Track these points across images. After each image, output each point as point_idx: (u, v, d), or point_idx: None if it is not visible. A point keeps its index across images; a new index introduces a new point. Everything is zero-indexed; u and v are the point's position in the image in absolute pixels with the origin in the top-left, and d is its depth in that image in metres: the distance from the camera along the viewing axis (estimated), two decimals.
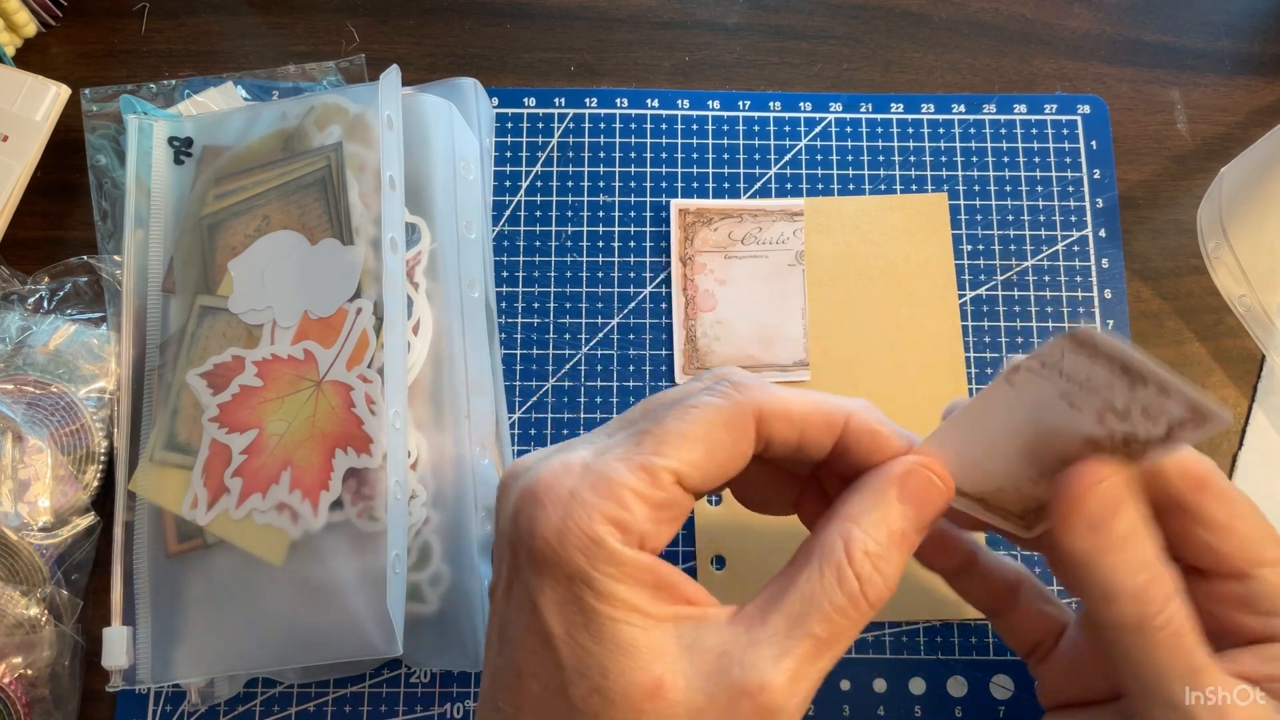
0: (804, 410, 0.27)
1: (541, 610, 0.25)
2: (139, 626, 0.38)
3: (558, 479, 0.26)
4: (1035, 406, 0.26)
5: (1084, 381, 0.25)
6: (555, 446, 0.28)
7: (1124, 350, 0.24)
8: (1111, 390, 0.25)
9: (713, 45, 0.48)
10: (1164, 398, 0.25)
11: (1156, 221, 0.46)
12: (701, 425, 0.26)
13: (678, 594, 0.26)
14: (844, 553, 0.26)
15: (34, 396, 0.40)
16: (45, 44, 0.48)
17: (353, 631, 0.36)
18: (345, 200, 0.40)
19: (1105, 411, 0.26)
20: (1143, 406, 0.25)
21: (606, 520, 0.25)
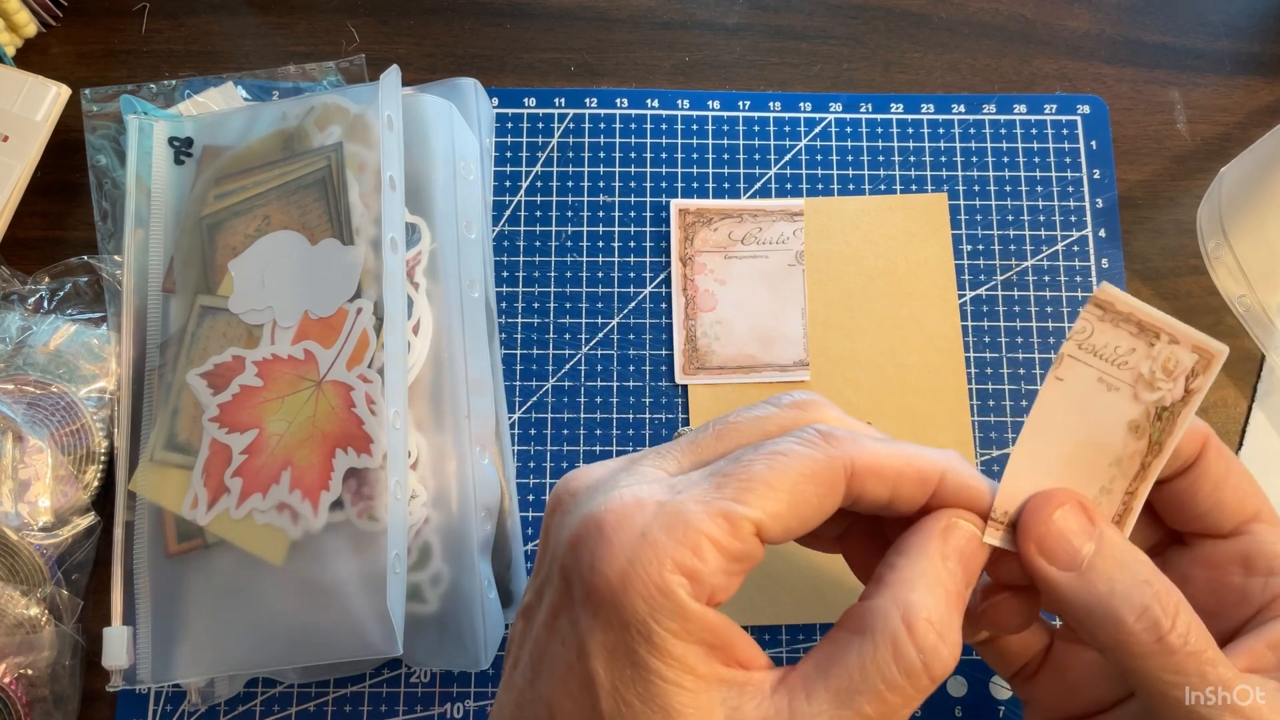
0: (897, 467, 0.26)
1: (589, 654, 0.23)
2: (139, 626, 0.38)
3: (629, 514, 0.24)
4: (1081, 399, 0.28)
5: (1114, 355, 0.27)
6: (619, 465, 0.26)
7: (1136, 305, 0.27)
8: (1135, 356, 0.27)
9: (713, 45, 0.48)
10: (1175, 345, 0.27)
11: (1156, 221, 0.46)
12: (790, 477, 0.24)
13: (732, 655, 0.24)
14: (902, 623, 0.24)
15: (34, 396, 0.40)
16: (45, 44, 0.48)
17: (353, 631, 0.36)
18: (345, 200, 0.40)
19: (1137, 385, 0.27)
20: (1163, 364, 0.27)
21: (678, 569, 0.23)
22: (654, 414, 0.43)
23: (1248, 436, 0.43)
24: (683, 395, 0.43)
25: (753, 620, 0.40)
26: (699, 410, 0.43)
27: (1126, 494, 0.28)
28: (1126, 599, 0.25)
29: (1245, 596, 0.28)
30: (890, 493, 0.26)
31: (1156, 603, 0.25)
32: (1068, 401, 0.28)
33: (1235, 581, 0.29)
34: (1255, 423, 0.43)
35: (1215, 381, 0.43)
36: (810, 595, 0.40)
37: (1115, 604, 0.25)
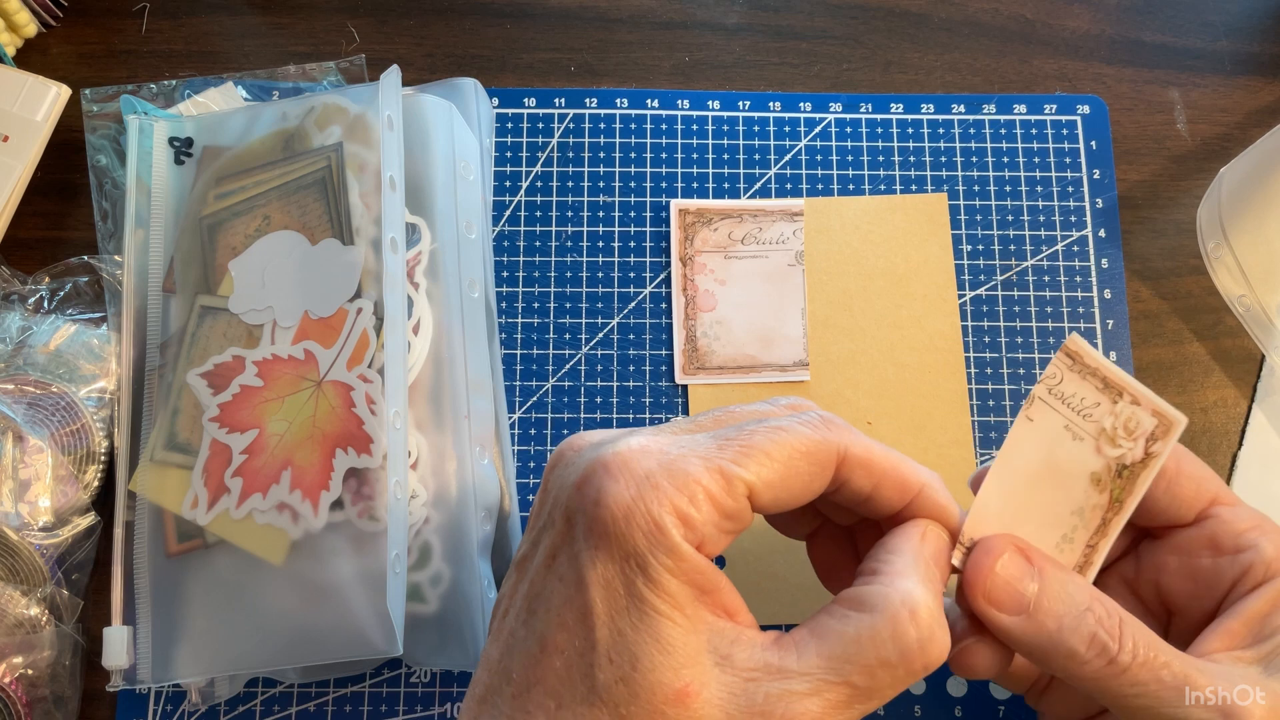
0: (884, 467, 0.27)
1: (588, 584, 0.24)
2: (139, 626, 0.38)
3: (636, 458, 0.25)
4: (1049, 443, 0.29)
5: (1080, 406, 0.29)
6: (626, 429, 0.28)
7: (1102, 361, 0.29)
8: (1099, 410, 0.29)
9: (713, 45, 0.48)
10: (1136, 407, 0.29)
11: (1156, 221, 0.46)
12: (786, 449, 0.26)
13: (719, 601, 0.25)
14: (903, 606, 0.25)
15: (34, 396, 0.40)
16: (45, 44, 0.48)
17: (353, 631, 0.36)
18: (345, 200, 0.40)
19: (1100, 438, 0.29)
20: (1124, 423, 0.29)
21: (674, 511, 0.24)
22: (654, 414, 0.43)
23: (1248, 436, 0.43)
24: (683, 395, 0.43)
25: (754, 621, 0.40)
26: (699, 410, 0.43)
27: (1088, 546, 0.30)
28: (1074, 630, 0.27)
29: (1218, 576, 0.30)
30: (871, 489, 0.27)
31: (1101, 627, 0.27)
32: (1036, 443, 0.29)
33: (1206, 564, 0.30)
34: (1255, 423, 0.43)
35: (1215, 381, 0.44)
36: (810, 595, 0.40)
37: (1065, 637, 0.27)
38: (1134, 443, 0.29)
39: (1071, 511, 0.29)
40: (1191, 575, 0.31)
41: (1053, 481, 0.29)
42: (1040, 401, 0.29)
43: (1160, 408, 0.29)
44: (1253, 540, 0.30)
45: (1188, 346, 0.44)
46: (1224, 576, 0.30)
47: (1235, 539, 0.30)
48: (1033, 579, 0.27)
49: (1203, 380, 0.44)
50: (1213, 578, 0.30)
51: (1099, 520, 0.30)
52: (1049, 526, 0.30)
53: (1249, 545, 0.30)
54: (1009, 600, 0.27)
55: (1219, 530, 0.30)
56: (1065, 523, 0.30)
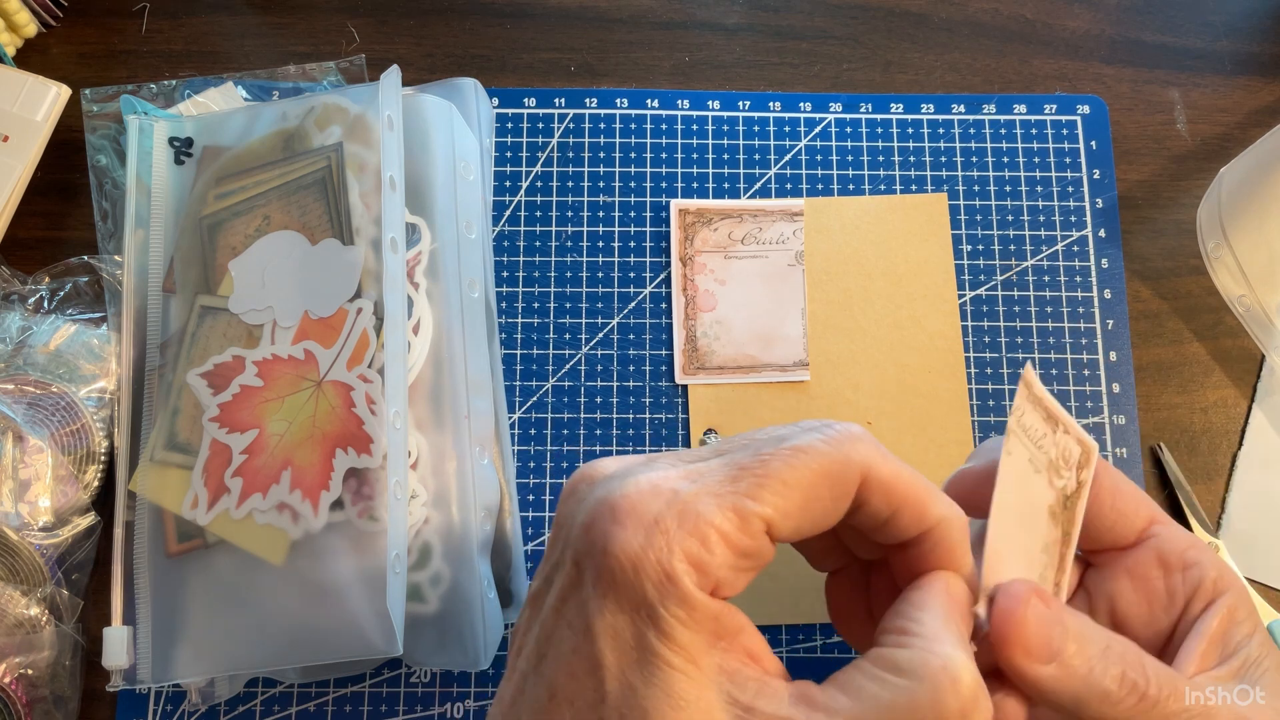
0: (906, 493, 0.26)
1: (596, 635, 0.23)
2: (139, 626, 0.38)
3: (644, 500, 0.24)
4: (1021, 478, 0.28)
5: (1036, 438, 0.28)
6: (639, 459, 0.26)
7: (1043, 393, 0.28)
8: (1047, 441, 0.28)
9: (713, 45, 0.48)
10: (1067, 436, 0.29)
11: (1156, 221, 0.46)
12: (806, 474, 0.24)
13: (739, 645, 0.24)
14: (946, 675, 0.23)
15: (34, 396, 0.40)
16: (45, 44, 0.48)
17: (353, 631, 0.36)
18: (345, 200, 0.40)
19: (1049, 470, 0.28)
20: (1062, 452, 0.29)
21: (686, 558, 0.23)
22: (654, 414, 0.43)
23: (1247, 436, 0.43)
24: (683, 395, 0.43)
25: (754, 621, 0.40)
26: (699, 410, 0.43)
27: (1055, 585, 0.29)
28: (1105, 672, 0.26)
29: (1171, 594, 0.30)
30: (890, 513, 0.26)
31: (1124, 664, 0.26)
32: (1015, 478, 0.28)
33: (1158, 584, 0.30)
34: (1255, 423, 0.43)
35: (1215, 381, 0.44)
36: (810, 596, 0.40)
37: (1097, 680, 0.26)
38: (1070, 472, 0.29)
39: (1041, 549, 0.29)
40: (1146, 596, 0.30)
41: (1028, 518, 0.28)
42: (1012, 435, 0.28)
43: (1080, 436, 0.29)
44: (1195, 557, 0.30)
45: (1188, 346, 0.44)
46: (1177, 594, 0.30)
47: (1180, 556, 0.30)
48: (1059, 624, 0.26)
49: (1203, 380, 0.44)
50: (1166, 597, 0.30)
51: (1058, 556, 0.29)
52: (1030, 566, 0.28)
53: (1193, 562, 0.30)
54: (1043, 650, 0.26)
55: (1163, 549, 0.30)
56: (1038, 560, 0.29)
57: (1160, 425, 0.43)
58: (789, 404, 0.43)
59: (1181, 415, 0.43)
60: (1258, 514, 0.42)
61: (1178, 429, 0.43)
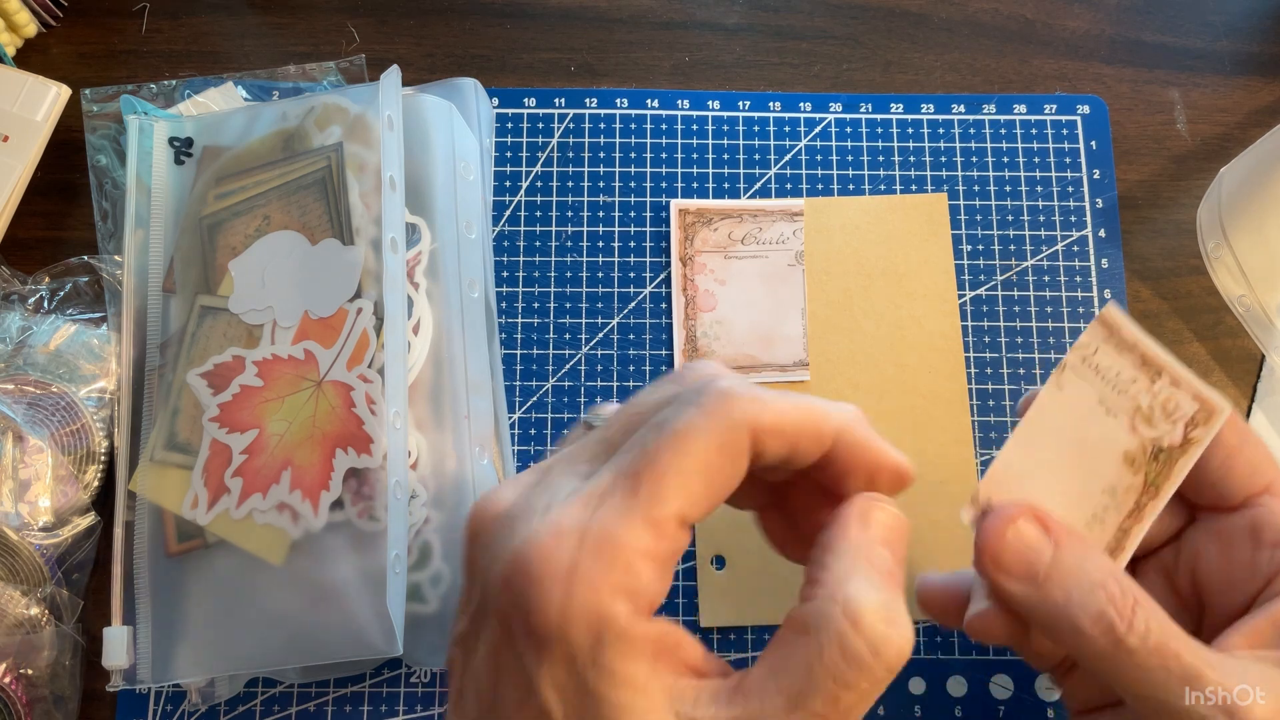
0: (796, 423, 0.25)
1: (540, 689, 0.23)
2: (139, 626, 0.38)
3: (553, 551, 0.23)
4: (1080, 415, 0.28)
5: (1115, 379, 0.27)
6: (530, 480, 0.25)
7: (1143, 339, 0.27)
8: (1136, 387, 0.27)
9: (713, 45, 0.48)
10: (1176, 390, 0.27)
11: (1156, 221, 0.46)
12: (697, 456, 0.24)
13: (679, 658, 0.24)
14: (845, 618, 0.23)
15: (34, 396, 0.40)
16: (45, 44, 0.48)
17: (353, 631, 0.36)
18: (345, 200, 0.40)
19: (1135, 416, 0.28)
20: (1162, 403, 0.28)
21: (616, 593, 0.22)
22: None
23: None
24: None
25: (753, 620, 0.40)
26: None
27: (1120, 530, 0.29)
28: (1082, 606, 0.26)
29: (1254, 569, 0.28)
30: (789, 449, 0.25)
31: (1111, 606, 0.26)
32: (1065, 414, 0.28)
33: (1244, 555, 0.29)
34: (1255, 423, 0.43)
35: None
36: None
37: (1072, 612, 0.26)
38: (1172, 426, 0.28)
39: (1102, 490, 0.28)
40: (1228, 565, 0.29)
41: (1082, 456, 0.28)
42: (1072, 370, 0.28)
43: (1202, 393, 0.27)
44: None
45: (1188, 346, 0.44)
46: (1260, 570, 0.28)
47: (1278, 532, 0.28)
48: (1046, 548, 0.27)
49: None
50: (1249, 570, 0.29)
51: (1132, 503, 0.28)
52: (1078, 503, 0.28)
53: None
54: (1019, 567, 0.27)
55: (1264, 520, 0.29)
56: (1095, 501, 0.28)
57: None
58: None
59: None
60: None
61: None
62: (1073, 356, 0.28)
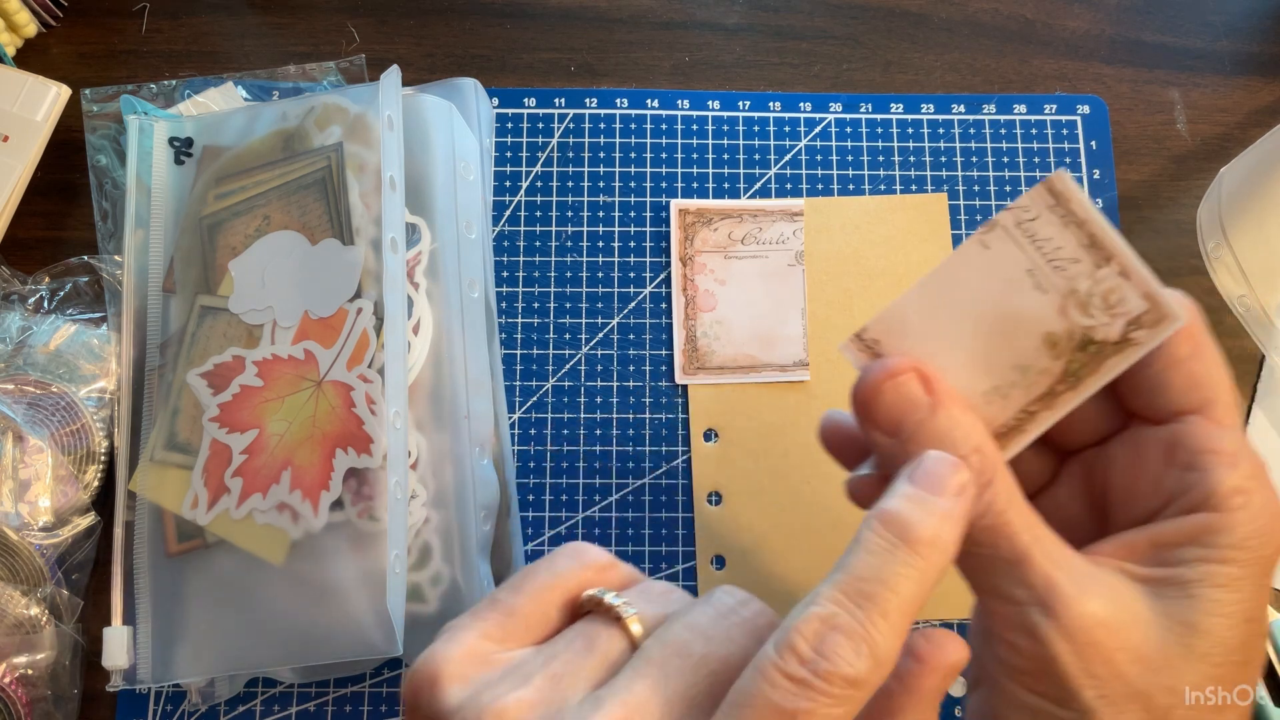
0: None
1: None
2: (139, 626, 0.38)
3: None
4: (1003, 281, 0.25)
5: (1053, 252, 0.24)
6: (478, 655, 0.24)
7: (1095, 217, 0.24)
8: (1077, 267, 0.24)
9: (713, 45, 0.48)
10: (1124, 281, 0.24)
11: (1156, 221, 0.46)
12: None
13: None
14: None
15: (34, 396, 0.40)
16: (45, 44, 0.48)
17: (353, 631, 0.36)
18: (345, 200, 0.40)
19: (1068, 298, 0.25)
20: (1104, 293, 0.25)
21: None
22: (654, 414, 0.43)
23: (1248, 437, 0.43)
24: (683, 395, 0.43)
25: None
26: (699, 410, 0.43)
27: (1024, 411, 0.26)
28: None
29: (1158, 487, 0.26)
30: None
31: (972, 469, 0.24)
32: (985, 274, 0.25)
33: (1152, 470, 0.26)
34: (1255, 423, 0.43)
35: None
36: None
37: None
38: (1110, 319, 0.25)
39: (1012, 365, 0.25)
40: (1135, 478, 0.27)
41: (995, 323, 0.25)
42: (1003, 231, 0.24)
43: (1155, 293, 0.24)
44: (1209, 464, 0.25)
45: None
46: (1163, 489, 0.26)
47: (1193, 455, 0.25)
48: (923, 408, 0.25)
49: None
50: (1153, 487, 0.26)
51: (1045, 388, 0.26)
52: (978, 370, 0.26)
53: (1202, 467, 0.25)
54: (888, 422, 0.25)
55: (1181, 439, 0.26)
56: (1000, 375, 0.26)
57: None
58: (789, 404, 0.43)
59: None
60: None
61: None
62: (1006, 217, 0.24)
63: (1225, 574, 0.24)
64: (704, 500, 0.42)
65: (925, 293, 0.26)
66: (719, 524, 0.41)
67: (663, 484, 0.42)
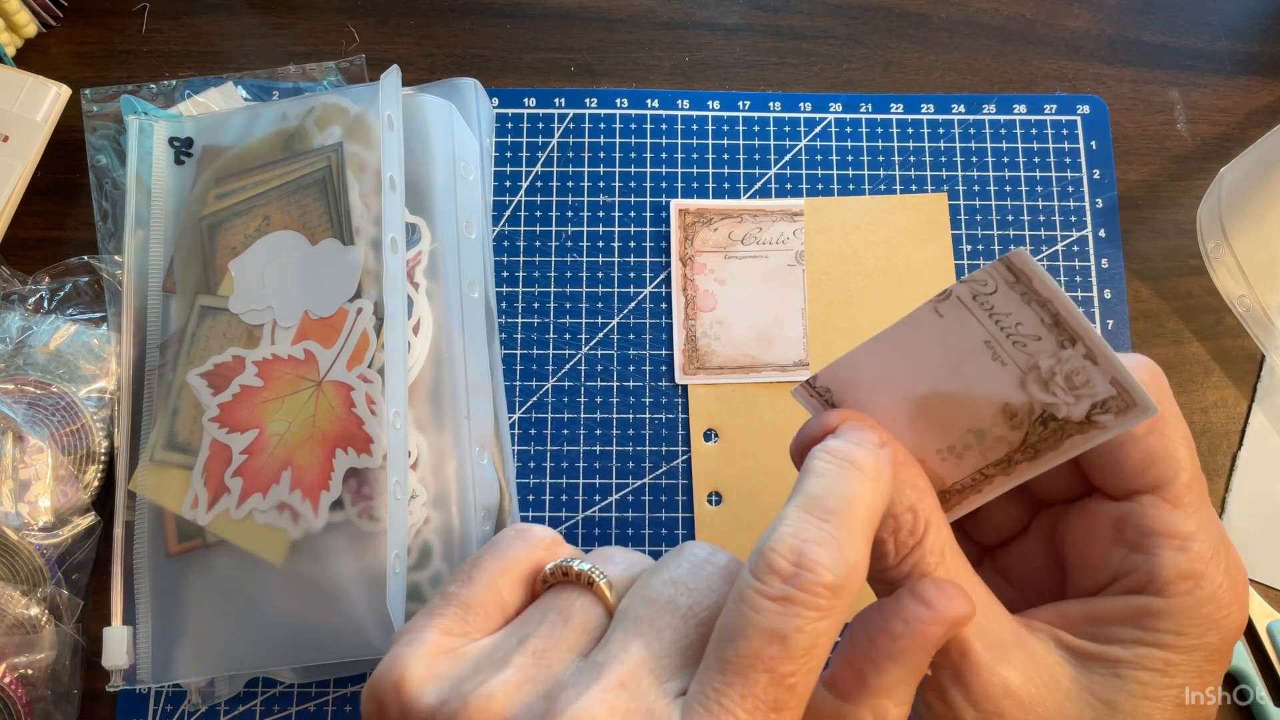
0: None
1: None
2: (139, 626, 0.38)
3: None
4: (958, 350, 0.24)
5: (1013, 329, 0.24)
6: (443, 649, 0.23)
7: (1059, 296, 0.23)
8: (1039, 345, 0.24)
9: (713, 45, 0.48)
10: (1091, 365, 0.23)
11: (1156, 221, 0.46)
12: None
13: None
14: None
15: (34, 396, 0.40)
16: (46, 44, 0.48)
17: (353, 631, 0.36)
18: (345, 200, 0.40)
19: (1029, 373, 0.24)
20: (1067, 374, 0.24)
21: None
22: (654, 414, 0.43)
23: (1247, 436, 0.43)
24: (683, 395, 0.43)
25: None
26: (699, 410, 0.43)
27: (979, 473, 0.26)
28: None
29: (1105, 562, 0.26)
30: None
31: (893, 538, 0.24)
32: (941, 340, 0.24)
33: (1101, 544, 0.26)
34: (1255, 423, 0.43)
35: (1215, 381, 0.44)
36: None
37: None
38: (1074, 400, 0.24)
39: (968, 429, 0.25)
40: (1086, 550, 0.27)
41: (952, 389, 0.25)
42: (958, 301, 0.24)
43: (1125, 383, 0.23)
44: (1155, 548, 0.25)
45: (1188, 346, 0.44)
46: (1109, 566, 0.26)
47: (1140, 537, 0.25)
48: (869, 458, 0.24)
49: (1203, 380, 0.44)
50: (1100, 562, 0.26)
51: (1001, 454, 0.25)
52: (932, 429, 0.25)
53: (1149, 550, 0.25)
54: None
55: (1132, 519, 0.25)
56: (955, 436, 0.25)
57: None
58: (789, 404, 0.43)
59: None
60: (1257, 514, 0.42)
61: None
62: (961, 289, 0.23)
63: (1159, 658, 0.24)
64: (704, 500, 0.42)
65: (877, 350, 0.25)
66: (719, 524, 0.41)
67: (663, 484, 0.42)
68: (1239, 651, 0.40)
